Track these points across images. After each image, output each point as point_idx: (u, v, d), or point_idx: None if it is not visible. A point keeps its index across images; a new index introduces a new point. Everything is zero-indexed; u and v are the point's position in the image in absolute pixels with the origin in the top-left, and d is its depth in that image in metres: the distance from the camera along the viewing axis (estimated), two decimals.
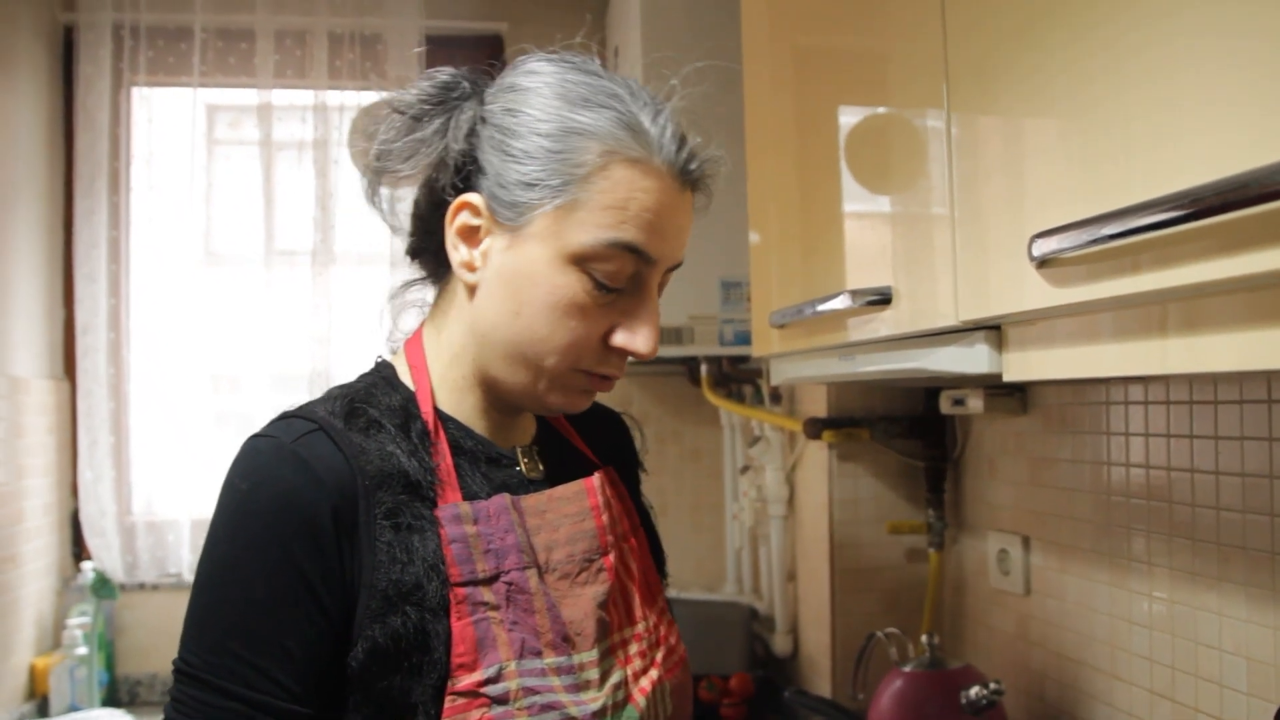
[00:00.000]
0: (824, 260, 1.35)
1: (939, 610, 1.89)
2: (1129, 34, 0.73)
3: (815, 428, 1.87)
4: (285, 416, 0.90)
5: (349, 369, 1.00)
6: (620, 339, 0.90)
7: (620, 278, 0.88)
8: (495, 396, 0.96)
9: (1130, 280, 0.73)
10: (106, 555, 2.53)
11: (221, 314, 2.62)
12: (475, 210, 0.90)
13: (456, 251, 0.91)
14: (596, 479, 0.98)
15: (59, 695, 2.29)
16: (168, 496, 2.61)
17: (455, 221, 0.91)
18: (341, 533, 0.83)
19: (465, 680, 0.83)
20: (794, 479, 2.19)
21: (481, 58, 0.98)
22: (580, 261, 0.87)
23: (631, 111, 0.88)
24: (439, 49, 2.69)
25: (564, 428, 1.08)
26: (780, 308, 1.43)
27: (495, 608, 0.86)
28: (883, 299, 1.15)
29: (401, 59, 2.64)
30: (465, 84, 0.93)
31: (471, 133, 0.91)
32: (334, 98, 2.65)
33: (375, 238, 2.62)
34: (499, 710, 0.83)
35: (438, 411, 0.93)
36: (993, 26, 0.92)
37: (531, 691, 0.84)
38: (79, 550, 2.58)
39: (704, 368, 2.34)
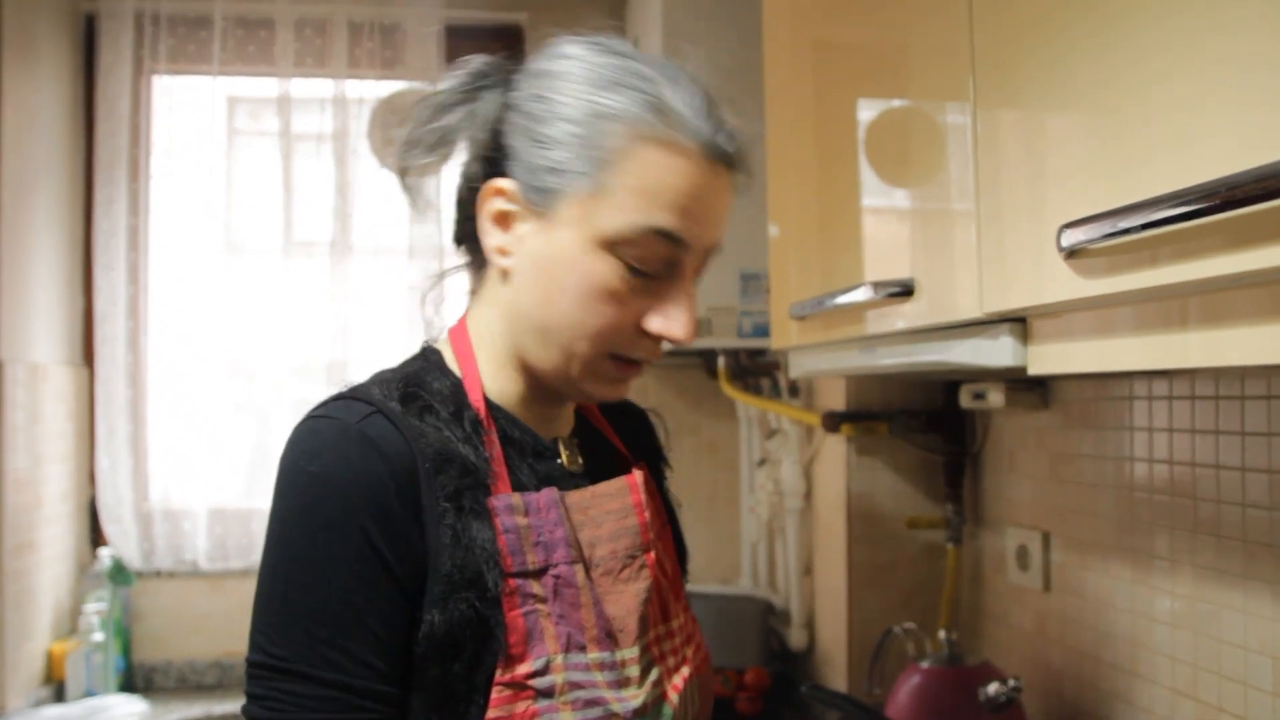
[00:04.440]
0: (844, 252, 1.34)
1: (957, 606, 1.88)
2: (1153, 28, 0.72)
3: (833, 421, 1.86)
4: (341, 398, 0.87)
5: (366, 360, 0.98)
6: (656, 325, 0.89)
7: (653, 262, 0.86)
8: (536, 383, 0.94)
9: (1158, 272, 0.72)
10: (123, 542, 2.54)
11: (240, 304, 2.62)
12: (508, 195, 0.89)
13: (489, 237, 0.90)
14: (639, 475, 0.97)
15: (75, 681, 2.30)
16: (184, 485, 2.61)
17: (487, 206, 0.90)
18: (408, 514, 0.82)
19: (513, 671, 0.82)
20: (811, 473, 2.18)
21: (502, 48, 0.97)
22: (611, 246, 0.85)
23: (659, 92, 0.86)
24: (459, 39, 2.68)
25: (598, 421, 1.07)
26: (800, 300, 1.42)
27: (543, 600, 0.85)
28: (904, 291, 1.14)
29: (421, 48, 2.64)
30: (494, 73, 0.93)
31: (498, 119, 0.90)
32: (353, 89, 2.65)
33: (393, 229, 2.62)
34: (544, 704, 0.82)
35: (486, 400, 0.92)
36: (1016, 19, 0.91)
37: (577, 686, 0.84)
38: (96, 537, 2.59)
39: (721, 360, 2.33)
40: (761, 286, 2.14)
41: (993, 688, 1.46)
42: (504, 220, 0.90)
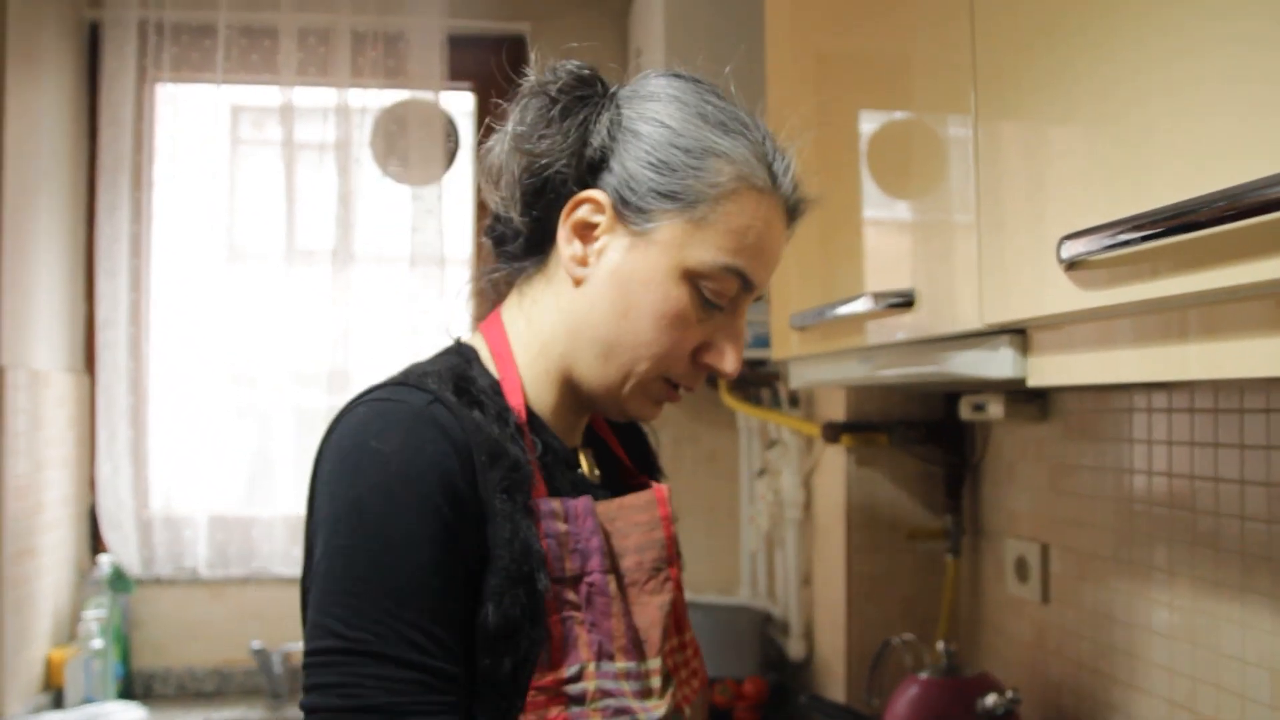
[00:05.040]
0: (845, 263, 1.35)
1: (955, 617, 1.88)
2: (1154, 40, 0.73)
3: (833, 432, 1.86)
4: (401, 383, 0.87)
5: (368, 367, 0.98)
6: (709, 357, 0.93)
7: (723, 298, 0.91)
8: (570, 393, 0.95)
9: (1158, 284, 0.73)
10: (123, 549, 2.54)
11: (241, 311, 2.62)
12: (598, 207, 0.90)
13: (570, 245, 0.91)
14: (665, 489, 0.98)
15: (74, 687, 2.30)
16: (185, 491, 2.61)
17: (574, 215, 0.90)
18: (473, 502, 0.83)
19: (549, 676, 0.83)
20: (811, 483, 2.18)
21: (504, 58, 0.96)
22: (693, 276, 0.89)
23: (763, 143, 0.92)
24: (462, 49, 2.69)
25: (604, 431, 1.08)
26: (800, 310, 1.43)
27: (577, 607, 0.86)
28: (905, 301, 1.14)
29: (424, 58, 2.65)
30: (600, 83, 0.93)
31: (609, 133, 0.91)
32: (356, 99, 2.66)
33: (395, 237, 2.63)
34: (576, 710, 0.83)
35: (525, 405, 0.92)
36: (1018, 32, 0.92)
37: (607, 694, 0.85)
38: (96, 543, 2.59)
39: None
40: (762, 297, 2.14)
41: (991, 699, 1.46)
42: (585, 231, 0.91)
